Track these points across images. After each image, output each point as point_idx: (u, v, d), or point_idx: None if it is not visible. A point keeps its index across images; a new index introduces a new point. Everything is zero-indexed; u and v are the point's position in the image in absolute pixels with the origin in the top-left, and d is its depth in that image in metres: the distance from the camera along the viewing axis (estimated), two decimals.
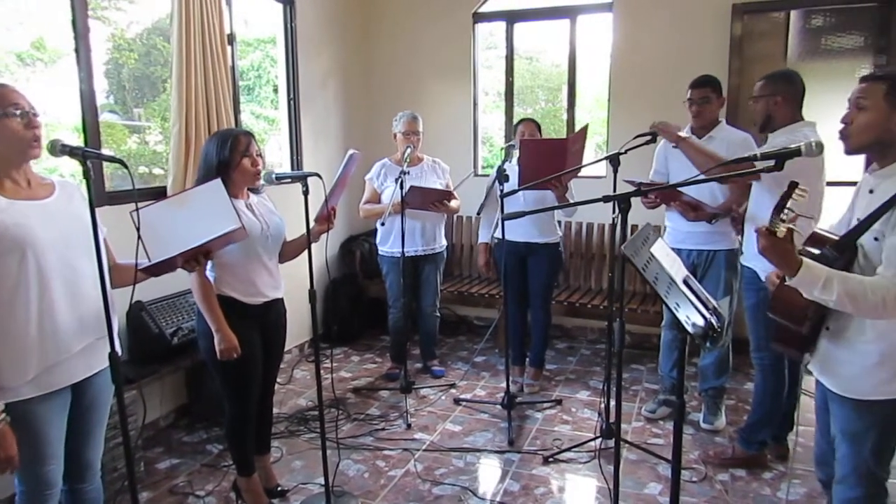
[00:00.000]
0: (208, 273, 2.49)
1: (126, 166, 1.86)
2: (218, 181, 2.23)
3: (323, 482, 2.74)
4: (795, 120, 2.87)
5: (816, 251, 1.87)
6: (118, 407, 1.91)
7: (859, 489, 1.92)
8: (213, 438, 3.52)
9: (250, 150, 2.54)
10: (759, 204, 2.96)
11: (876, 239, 1.78)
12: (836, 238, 1.89)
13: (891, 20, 4.10)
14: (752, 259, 3.01)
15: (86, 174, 1.78)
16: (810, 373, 2.06)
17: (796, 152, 1.86)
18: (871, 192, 1.87)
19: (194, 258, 2.18)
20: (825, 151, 1.93)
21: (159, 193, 3.55)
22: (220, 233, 2.13)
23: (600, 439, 3.37)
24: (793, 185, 1.72)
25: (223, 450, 3.36)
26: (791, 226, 1.73)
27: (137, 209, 1.94)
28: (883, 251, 1.74)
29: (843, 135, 1.89)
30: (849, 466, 1.93)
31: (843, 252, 1.83)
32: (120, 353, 1.94)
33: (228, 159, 2.49)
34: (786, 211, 1.73)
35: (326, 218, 2.69)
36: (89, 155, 1.79)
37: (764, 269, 2.93)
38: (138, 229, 1.91)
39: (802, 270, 1.72)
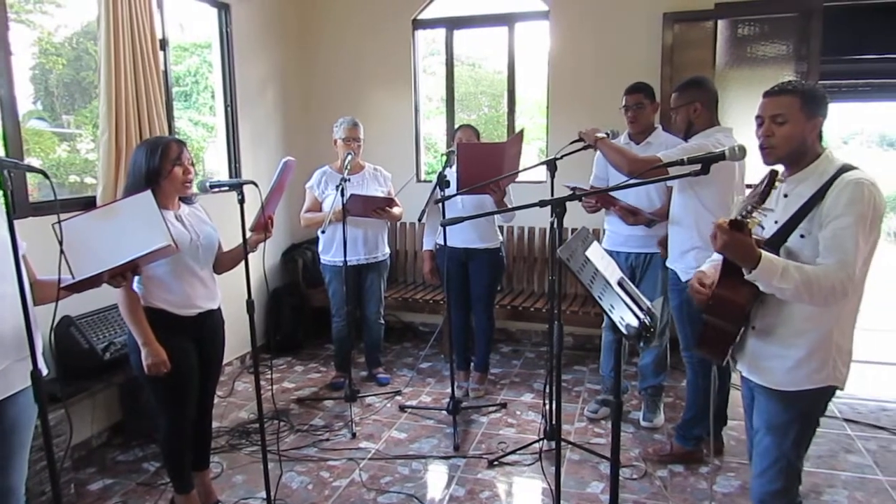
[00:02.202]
0: (136, 286, 2.41)
1: (47, 176, 1.77)
2: (148, 193, 2.16)
3: (265, 496, 2.68)
4: (713, 124, 3.01)
5: None
6: (42, 427, 1.82)
7: (779, 482, 1.99)
8: (150, 456, 3.40)
9: (182, 158, 2.47)
10: (682, 207, 3.05)
11: (802, 236, 1.86)
12: (764, 239, 1.96)
13: (810, 30, 4.30)
14: (674, 261, 3.12)
15: (2, 185, 1.69)
16: (736, 368, 2.13)
17: (720, 156, 1.94)
18: (785, 196, 1.96)
19: (121, 273, 2.11)
20: (748, 155, 2.01)
21: (89, 203, 3.43)
22: (150, 249, 2.06)
23: (544, 441, 3.41)
24: (774, 174, 1.71)
25: (160, 467, 3.25)
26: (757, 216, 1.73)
27: (60, 222, 1.86)
28: (820, 243, 1.81)
29: (765, 147, 1.95)
30: (770, 459, 2.00)
31: (776, 251, 1.89)
32: (45, 371, 1.86)
33: (159, 167, 2.42)
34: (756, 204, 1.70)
35: (263, 226, 2.64)
36: (5, 164, 1.71)
37: (685, 269, 3.03)
38: (61, 244, 1.83)
39: (763, 262, 1.75)
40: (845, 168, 1.85)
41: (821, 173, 1.88)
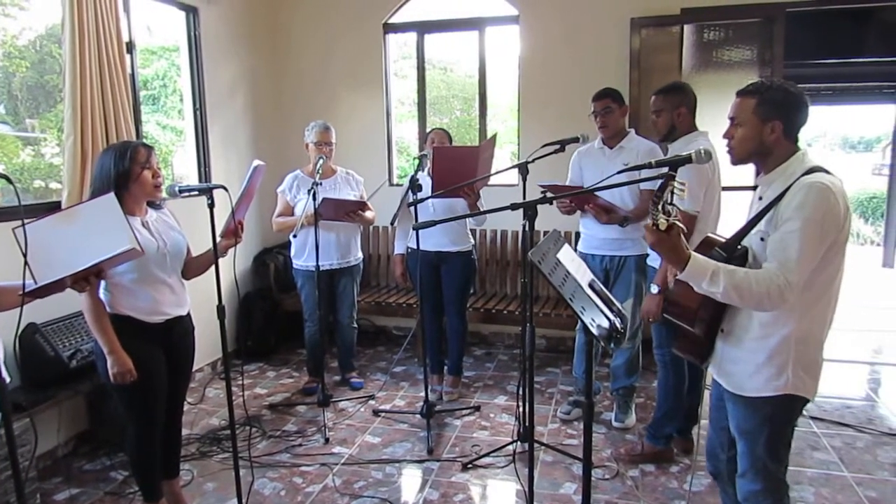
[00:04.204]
0: (101, 293, 2.37)
1: (11, 181, 1.73)
2: (111, 195, 2.12)
3: (237, 503, 2.65)
4: (693, 129, 3.05)
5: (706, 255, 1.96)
6: (6, 436, 1.78)
7: (759, 483, 2.01)
8: (118, 465, 3.34)
9: (151, 161, 2.44)
10: None
11: (762, 239, 1.89)
12: (724, 240, 2.00)
13: (774, 35, 4.40)
14: (656, 260, 3.16)
15: None
16: (707, 369, 2.16)
17: (687, 159, 1.97)
18: (760, 198, 2.00)
19: (84, 278, 2.07)
20: (721, 159, 2.05)
21: (53, 208, 3.34)
22: (114, 253, 2.02)
23: (517, 443, 3.42)
24: (669, 178, 1.75)
25: (128, 476, 3.20)
26: (675, 221, 1.77)
27: (24, 225, 1.82)
28: (768, 245, 1.84)
29: (728, 148, 2.01)
30: (747, 462, 2.02)
31: (731, 253, 1.92)
32: (9, 379, 1.82)
33: (128, 170, 2.39)
34: (665, 205, 1.77)
35: (233, 232, 2.61)
36: None
37: None
38: (25, 254, 1.79)
39: (690, 263, 1.79)
40: (811, 170, 1.84)
41: (789, 175, 1.88)
